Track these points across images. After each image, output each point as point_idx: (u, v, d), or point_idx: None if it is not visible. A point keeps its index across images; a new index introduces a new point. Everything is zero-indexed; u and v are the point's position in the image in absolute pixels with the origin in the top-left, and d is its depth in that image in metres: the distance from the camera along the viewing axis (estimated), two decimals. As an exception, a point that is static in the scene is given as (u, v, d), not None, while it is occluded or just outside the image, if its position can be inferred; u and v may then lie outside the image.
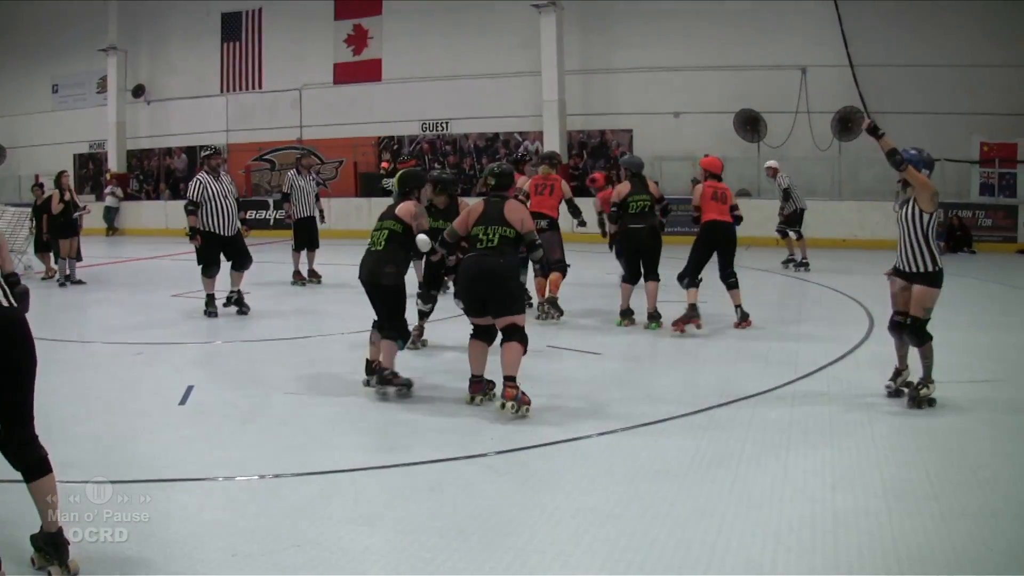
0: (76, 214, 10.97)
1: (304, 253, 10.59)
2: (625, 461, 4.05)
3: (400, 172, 5.76)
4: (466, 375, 5.08)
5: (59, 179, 10.90)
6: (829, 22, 14.65)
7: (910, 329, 4.73)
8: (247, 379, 6.03)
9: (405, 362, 5.62)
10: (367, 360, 5.38)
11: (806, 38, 14.96)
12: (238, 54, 20.19)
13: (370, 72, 18.58)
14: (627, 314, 7.30)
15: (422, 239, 5.07)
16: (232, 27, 20.16)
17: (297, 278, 10.52)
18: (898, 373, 4.96)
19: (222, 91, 20.49)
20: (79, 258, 10.97)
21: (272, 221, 18.67)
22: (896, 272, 4.85)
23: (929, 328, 4.72)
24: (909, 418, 4.68)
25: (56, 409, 4.77)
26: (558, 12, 16.29)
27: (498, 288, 4.74)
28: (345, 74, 18.88)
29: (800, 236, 11.22)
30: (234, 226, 8.07)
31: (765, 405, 4.95)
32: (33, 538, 2.94)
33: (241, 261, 8.17)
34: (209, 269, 8.06)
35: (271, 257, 12.68)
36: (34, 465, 2.84)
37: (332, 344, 7.04)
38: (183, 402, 5.23)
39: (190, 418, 4.96)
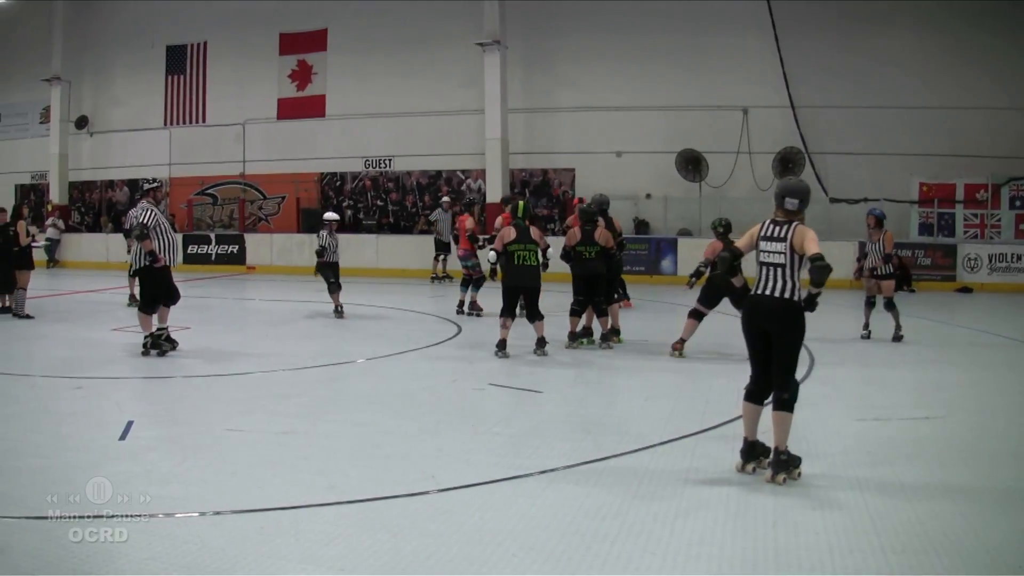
0: (37, 245, 10.95)
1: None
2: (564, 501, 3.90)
3: (521, 203, 7.59)
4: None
5: (20, 211, 10.68)
6: (771, 63, 14.01)
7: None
8: (188, 414, 5.77)
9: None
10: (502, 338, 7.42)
11: (748, 79, 14.31)
12: (182, 87, 19.04)
13: (314, 108, 17.57)
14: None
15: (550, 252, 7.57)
16: (177, 60, 19.04)
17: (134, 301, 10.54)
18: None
19: (166, 124, 19.36)
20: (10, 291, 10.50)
21: (214, 256, 17.40)
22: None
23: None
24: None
25: None
26: (502, 51, 15.52)
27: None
28: (289, 109, 17.83)
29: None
30: (176, 259, 7.81)
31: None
32: None
33: (171, 296, 7.78)
34: (151, 306, 7.61)
35: (211, 292, 12.47)
36: None
37: (273, 379, 6.84)
38: (123, 437, 4.98)
39: (130, 453, 4.68)
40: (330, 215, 10.53)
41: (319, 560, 3.26)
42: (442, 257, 14.18)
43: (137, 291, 10.23)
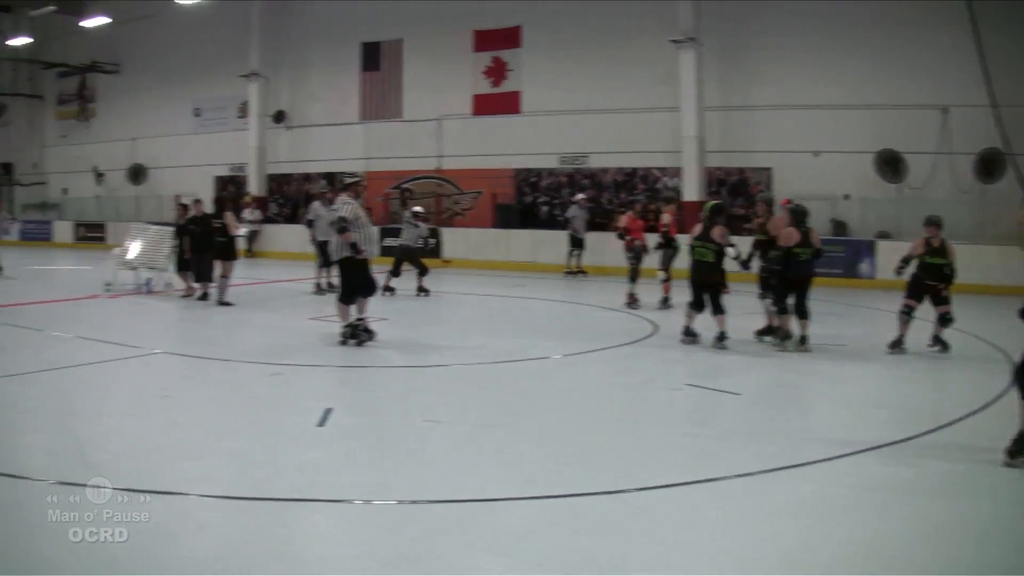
0: (239, 235, 15.97)
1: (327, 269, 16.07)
2: (762, 502, 5.37)
3: (711, 204, 11.25)
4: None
5: (226, 203, 16.34)
6: (970, 61, 18.71)
7: None
8: (386, 404, 8.10)
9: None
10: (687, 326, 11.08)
11: (947, 77, 19.14)
12: (378, 83, 26.29)
13: (509, 104, 24.20)
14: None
15: (731, 251, 10.70)
16: (372, 57, 26.42)
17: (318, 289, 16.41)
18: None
19: (361, 119, 26.59)
20: (212, 279, 15.28)
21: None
22: None
23: None
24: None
25: (197, 424, 7.12)
26: (697, 48, 21.22)
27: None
28: (484, 106, 24.61)
29: None
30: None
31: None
32: None
33: (369, 287, 11.04)
34: (350, 296, 10.88)
35: (408, 285, 16.87)
36: None
37: (471, 372, 9.57)
38: (322, 424, 7.02)
39: (328, 440, 6.67)
40: (418, 209, 16.81)
41: (515, 555, 4.44)
42: (576, 253, 20.41)
43: (323, 280, 16.23)
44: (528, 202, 23.99)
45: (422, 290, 16.41)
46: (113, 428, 7.18)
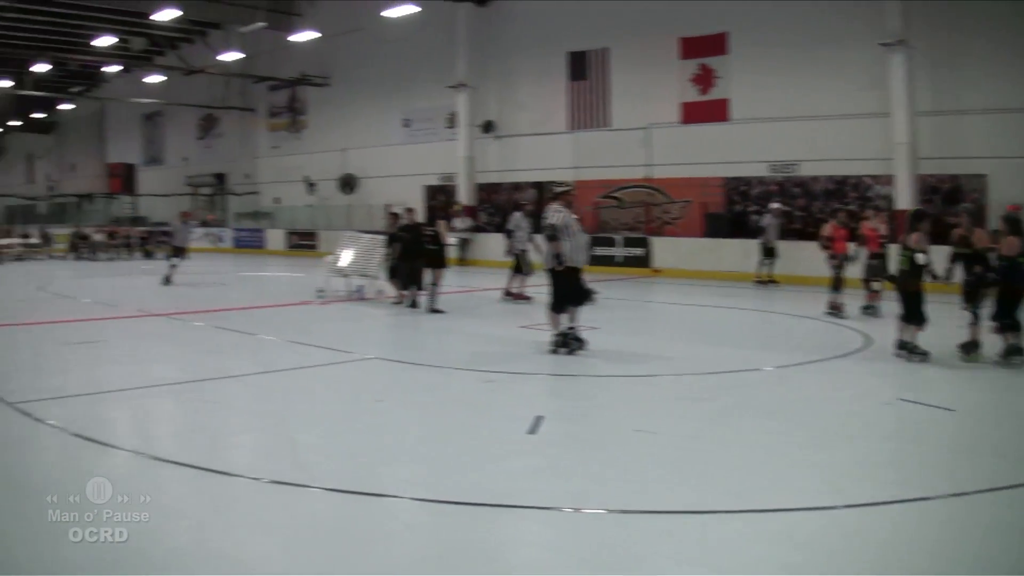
0: (450, 244, 19.51)
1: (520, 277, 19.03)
2: (975, 523, 5.86)
3: (913, 210, 13.97)
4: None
5: (437, 211, 20.40)
6: None
7: None
8: (595, 413, 9.22)
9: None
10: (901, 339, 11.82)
11: None
12: (585, 92, 29.73)
13: (716, 112, 27.25)
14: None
15: (920, 257, 11.58)
16: (578, 66, 29.93)
17: (507, 296, 19.06)
18: None
19: (569, 128, 30.10)
20: (422, 287, 17.53)
21: (620, 258, 27.76)
22: None
23: None
24: None
25: (409, 429, 8.47)
26: (907, 51, 23.63)
27: None
28: (692, 114, 27.76)
29: None
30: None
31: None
32: None
33: (580, 297, 12.50)
34: (561, 305, 12.21)
35: (618, 293, 19.54)
36: None
37: (681, 383, 10.65)
38: (532, 431, 8.04)
39: (538, 447, 7.69)
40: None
41: (726, 569, 5.06)
42: (768, 261, 23.22)
43: (514, 287, 18.87)
44: (738, 211, 26.84)
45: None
46: (326, 431, 8.61)
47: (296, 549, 5.53)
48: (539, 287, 17.50)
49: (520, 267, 19.20)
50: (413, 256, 17.75)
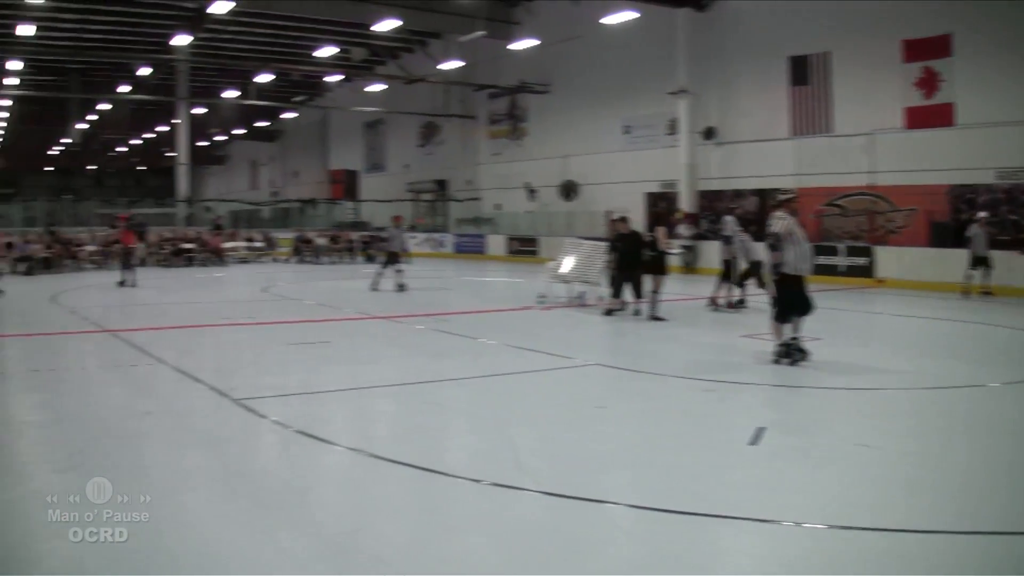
0: (672, 252, 21.42)
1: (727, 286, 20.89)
2: None
3: None
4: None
5: (659, 218, 23.12)
6: None
7: None
8: (818, 426, 9.87)
9: None
10: None
11: None
12: (806, 98, 32.39)
13: (941, 116, 29.63)
14: None
15: None
16: (800, 71, 32.73)
17: (713, 305, 20.88)
18: None
19: (790, 134, 32.85)
20: (641, 295, 18.87)
21: (842, 267, 30.24)
22: None
23: None
24: None
25: (628, 436, 9.29)
26: None
27: None
28: (916, 119, 30.28)
29: None
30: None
31: None
32: None
33: (805, 307, 12.95)
34: (785, 315, 12.99)
35: (840, 304, 21.01)
36: None
37: (906, 397, 11.32)
38: (753, 443, 8.69)
39: (759, 459, 8.32)
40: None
41: None
42: (979, 272, 24.60)
43: (721, 296, 20.18)
44: (964, 220, 28.79)
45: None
46: (546, 435, 9.39)
47: (512, 551, 6.10)
48: (753, 296, 20.37)
49: (729, 274, 20.80)
50: (629, 266, 19.01)
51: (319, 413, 10.52)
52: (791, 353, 13.00)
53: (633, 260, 18.98)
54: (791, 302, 12.93)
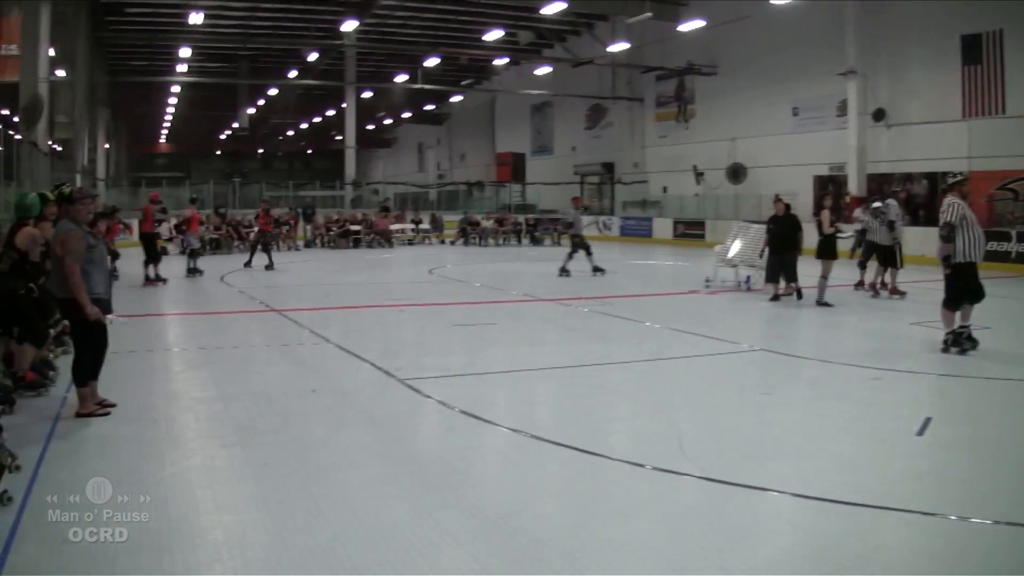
0: (843, 236, 20.85)
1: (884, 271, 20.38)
2: None
3: None
4: None
5: (822, 201, 21.51)
6: None
7: None
8: (987, 416, 9.73)
9: None
10: None
11: None
12: (979, 77, 32.06)
13: (1122, 96, 28.79)
14: None
15: None
16: (972, 50, 32.44)
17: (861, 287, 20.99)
18: None
19: (962, 116, 32.62)
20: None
21: (1014, 254, 29.90)
22: None
23: None
24: None
25: (793, 423, 9.32)
26: None
27: None
28: (1090, 99, 29.43)
29: None
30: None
31: None
32: None
33: (977, 294, 12.91)
34: (957, 302, 12.90)
35: (1012, 292, 20.44)
36: None
37: None
38: (920, 433, 8.66)
39: (926, 450, 8.28)
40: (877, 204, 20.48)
41: None
42: None
43: (866, 280, 20.05)
44: None
45: None
46: (710, 420, 9.44)
47: (675, 538, 6.11)
48: (913, 282, 20.61)
49: (892, 260, 20.03)
50: (783, 248, 18.80)
51: (482, 394, 10.76)
52: (960, 342, 12.94)
53: (785, 243, 18.81)
54: (963, 289, 12.83)
